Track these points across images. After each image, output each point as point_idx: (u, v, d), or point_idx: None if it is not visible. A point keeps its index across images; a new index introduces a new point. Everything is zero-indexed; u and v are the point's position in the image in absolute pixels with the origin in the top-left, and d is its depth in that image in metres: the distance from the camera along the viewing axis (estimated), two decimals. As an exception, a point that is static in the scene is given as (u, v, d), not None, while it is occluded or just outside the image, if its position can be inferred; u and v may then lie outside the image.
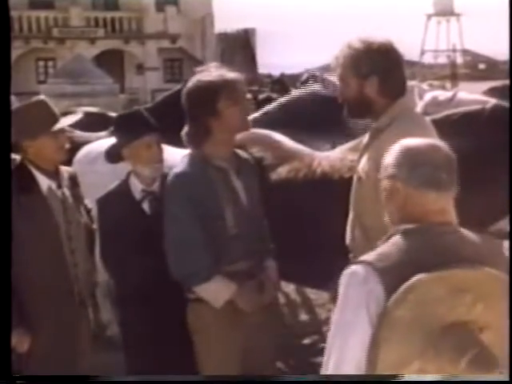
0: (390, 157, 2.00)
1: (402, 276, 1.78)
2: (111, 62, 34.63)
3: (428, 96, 6.74)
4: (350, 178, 2.83)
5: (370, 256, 1.87)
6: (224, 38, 38.39)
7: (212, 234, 2.84)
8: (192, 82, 2.90)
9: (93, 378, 3.00)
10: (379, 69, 2.62)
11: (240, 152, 3.09)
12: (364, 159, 2.71)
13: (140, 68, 37.74)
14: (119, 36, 37.06)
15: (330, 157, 3.79)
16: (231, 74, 2.89)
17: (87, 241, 3.29)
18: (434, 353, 1.76)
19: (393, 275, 1.79)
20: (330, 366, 1.86)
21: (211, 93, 2.81)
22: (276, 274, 3.08)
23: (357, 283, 1.84)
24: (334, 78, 5.40)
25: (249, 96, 2.91)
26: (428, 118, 2.91)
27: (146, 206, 3.19)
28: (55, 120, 3.14)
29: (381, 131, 2.65)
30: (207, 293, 2.85)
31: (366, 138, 2.79)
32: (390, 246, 1.89)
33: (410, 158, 1.94)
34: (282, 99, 6.03)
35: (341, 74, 2.69)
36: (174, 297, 3.10)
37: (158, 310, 3.06)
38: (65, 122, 3.20)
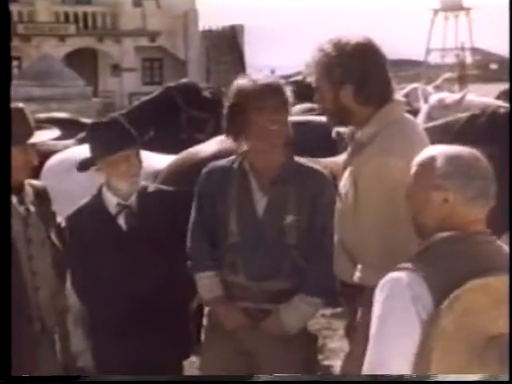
0: (432, 166, 2.08)
1: (447, 283, 1.89)
2: (83, 61, 34.64)
3: (433, 99, 6.78)
4: None
5: (410, 263, 1.98)
6: (209, 35, 38.51)
7: (213, 235, 3.04)
8: (233, 86, 3.01)
9: (92, 378, 3.01)
10: (353, 75, 2.58)
11: (304, 166, 3.08)
12: (345, 176, 2.70)
13: (116, 69, 37.75)
14: (92, 33, 37.08)
15: (337, 161, 3.82)
16: (266, 80, 2.95)
17: (54, 261, 3.23)
18: (478, 364, 1.85)
19: (438, 282, 1.90)
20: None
21: (241, 99, 2.92)
22: (296, 318, 2.97)
23: (401, 290, 1.92)
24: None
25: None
26: (422, 128, 2.90)
27: (121, 221, 3.18)
28: (30, 133, 3.07)
29: (363, 145, 2.62)
30: (199, 283, 3.06)
31: (348, 151, 2.77)
32: (430, 254, 2.01)
33: (462, 168, 2.05)
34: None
35: (315, 81, 2.68)
36: (157, 324, 3.09)
37: (138, 338, 3.04)
38: (39, 138, 3.14)
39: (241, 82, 2.97)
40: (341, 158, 3.98)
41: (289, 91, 2.98)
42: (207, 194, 3.04)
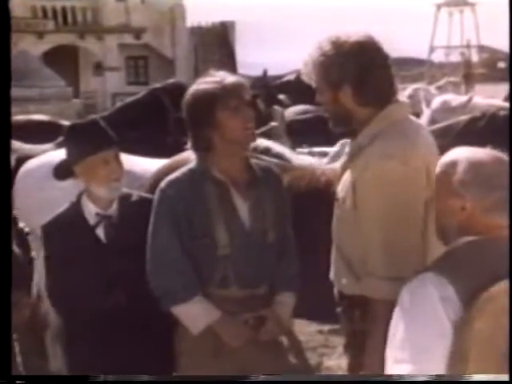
0: (454, 170, 2.12)
1: (474, 285, 1.94)
2: (63, 60, 34.63)
3: (437, 102, 6.81)
4: None
5: (435, 265, 2.04)
6: (197, 32, 38.62)
7: (197, 252, 2.97)
8: (189, 90, 3.02)
9: (93, 378, 3.00)
10: (352, 75, 2.60)
11: (259, 166, 3.14)
12: (343, 179, 2.72)
13: (98, 68, 37.79)
14: (72, 29, 37.12)
15: (335, 167, 3.85)
16: (230, 80, 2.97)
17: (19, 275, 3.17)
18: None
19: (465, 283, 1.95)
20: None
21: (207, 102, 2.92)
22: (288, 312, 3.14)
23: (428, 292, 1.97)
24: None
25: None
26: (428, 131, 2.92)
27: (100, 232, 3.19)
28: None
29: (362, 148, 2.64)
30: (184, 316, 2.97)
31: (347, 155, 2.79)
32: (454, 258, 2.06)
33: (482, 177, 2.09)
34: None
35: (314, 82, 2.70)
36: (138, 339, 3.09)
37: (117, 356, 3.04)
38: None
39: (201, 86, 2.98)
40: (337, 164, 4.02)
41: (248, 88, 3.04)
42: (179, 211, 2.97)
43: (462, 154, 2.15)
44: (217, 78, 2.99)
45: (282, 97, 10.98)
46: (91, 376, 3.00)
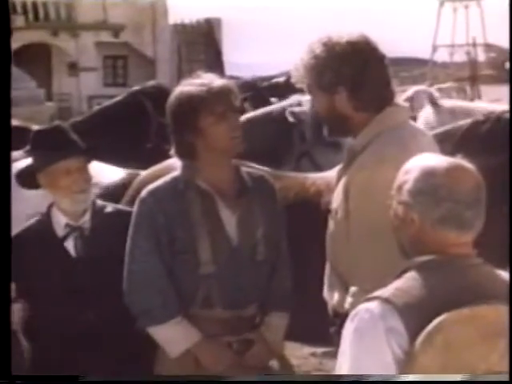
0: (407, 178, 2.11)
1: (425, 314, 1.92)
2: (34, 59, 34.59)
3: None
4: None
5: (384, 292, 2.00)
6: (181, 30, 38.63)
7: (178, 270, 2.96)
8: (174, 92, 3.03)
9: (93, 378, 3.03)
10: (346, 78, 2.62)
11: (251, 175, 3.13)
12: (337, 189, 2.73)
13: (72, 68, 37.74)
14: (44, 26, 37.07)
15: (326, 176, 3.85)
16: (218, 83, 2.97)
17: None
18: None
19: (414, 313, 1.93)
20: None
21: (191, 106, 2.92)
22: (280, 334, 3.13)
23: (372, 322, 1.95)
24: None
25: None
26: (430, 137, 2.92)
27: (70, 245, 3.18)
28: None
29: (356, 154, 2.66)
30: (161, 338, 2.97)
31: (342, 162, 2.82)
32: (407, 280, 2.04)
33: (430, 186, 2.06)
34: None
35: (307, 86, 2.72)
36: (112, 364, 3.08)
37: (91, 373, 3.04)
38: None
39: (186, 88, 2.99)
40: (329, 172, 4.03)
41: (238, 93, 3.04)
42: (160, 223, 2.95)
43: (418, 162, 2.14)
44: (204, 80, 2.99)
45: (273, 99, 11.00)
46: (91, 376, 3.02)
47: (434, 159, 2.13)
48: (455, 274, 2.02)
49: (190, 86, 2.98)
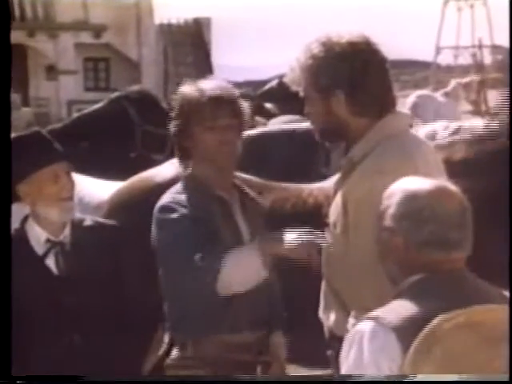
0: (390, 202, 2.19)
1: (418, 330, 1.98)
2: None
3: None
4: None
5: (378, 312, 2.09)
6: (167, 30, 38.67)
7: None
8: (180, 88, 3.06)
9: (93, 378, 3.05)
10: (344, 80, 2.63)
11: (240, 182, 3.17)
12: (335, 201, 2.75)
13: (51, 71, 37.73)
14: (20, 26, 37.04)
15: (324, 187, 3.86)
16: (212, 91, 2.97)
17: None
18: None
19: (410, 332, 1.99)
20: None
21: (184, 112, 2.97)
22: (282, 353, 3.19)
23: (365, 343, 2.02)
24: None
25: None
26: (432, 148, 2.94)
27: (51, 262, 3.17)
28: None
29: (355, 164, 2.66)
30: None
31: (340, 172, 2.84)
32: (400, 300, 2.12)
33: (413, 210, 2.14)
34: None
35: (303, 88, 2.73)
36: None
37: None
38: None
39: (185, 90, 3.02)
40: (327, 183, 4.04)
41: (243, 102, 3.02)
42: (189, 241, 2.87)
43: (401, 185, 2.22)
44: (203, 85, 3.01)
45: (268, 105, 11.09)
46: (91, 376, 3.03)
47: (416, 182, 2.21)
48: (446, 288, 2.10)
49: (190, 87, 3.02)
